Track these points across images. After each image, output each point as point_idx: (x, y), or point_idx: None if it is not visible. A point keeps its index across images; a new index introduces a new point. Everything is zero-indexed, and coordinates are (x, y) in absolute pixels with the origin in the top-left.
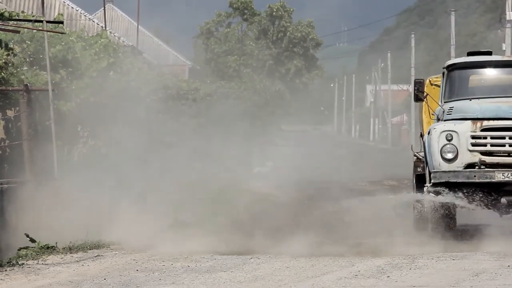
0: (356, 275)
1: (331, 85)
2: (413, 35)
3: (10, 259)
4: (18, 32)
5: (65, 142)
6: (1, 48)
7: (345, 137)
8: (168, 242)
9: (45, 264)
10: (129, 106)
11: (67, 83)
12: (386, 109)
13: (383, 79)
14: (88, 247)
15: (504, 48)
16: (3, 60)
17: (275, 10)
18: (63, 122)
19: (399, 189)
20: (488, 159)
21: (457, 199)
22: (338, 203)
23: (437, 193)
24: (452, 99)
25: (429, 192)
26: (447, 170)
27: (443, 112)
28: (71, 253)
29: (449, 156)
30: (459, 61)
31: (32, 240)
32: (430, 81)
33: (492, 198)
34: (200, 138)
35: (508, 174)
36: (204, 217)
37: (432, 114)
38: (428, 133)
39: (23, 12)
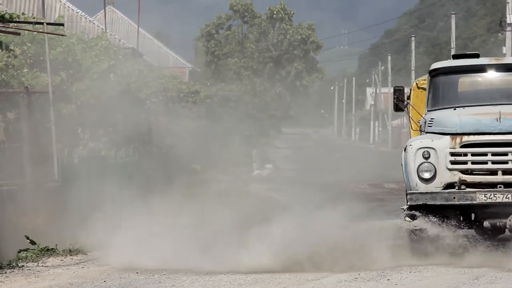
0: (356, 278)
1: (331, 88)
2: (413, 38)
3: (10, 261)
4: (19, 34)
5: (65, 144)
6: (2, 50)
7: (345, 140)
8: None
9: (45, 266)
10: (129, 108)
11: (67, 85)
12: (386, 112)
13: (383, 82)
14: (88, 249)
15: (504, 52)
16: (4, 62)
17: (275, 12)
18: (63, 124)
19: (398, 192)
20: (469, 178)
21: (433, 225)
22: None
23: (413, 217)
24: (436, 108)
25: (404, 216)
26: (424, 191)
27: (425, 123)
28: (71, 255)
29: (427, 175)
30: (443, 65)
31: (32, 242)
32: (417, 84)
33: (475, 221)
34: (200, 140)
35: (491, 195)
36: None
37: (418, 123)
38: (405, 150)
39: (23, 14)
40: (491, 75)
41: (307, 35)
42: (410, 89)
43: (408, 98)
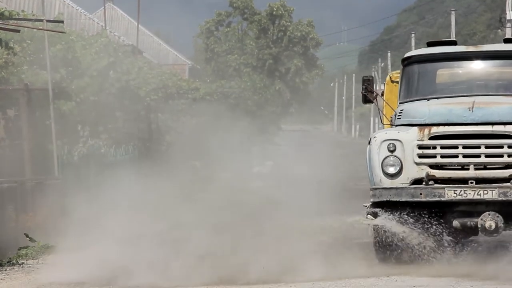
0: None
1: (331, 85)
2: (413, 35)
3: (10, 258)
4: (18, 31)
5: (65, 141)
6: (1, 47)
7: (345, 136)
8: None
9: (45, 263)
10: (129, 105)
11: (67, 83)
12: None
13: (383, 79)
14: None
15: None
16: (3, 59)
17: (275, 9)
18: (63, 122)
19: None
20: (437, 173)
21: (397, 224)
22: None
23: (375, 215)
24: (408, 100)
25: (367, 213)
26: (389, 187)
27: (395, 115)
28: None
29: (392, 170)
30: (416, 54)
31: (32, 240)
32: (390, 77)
33: (445, 221)
34: (199, 137)
35: (461, 191)
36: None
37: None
38: (369, 142)
39: (23, 11)
40: (469, 64)
41: (307, 32)
42: (385, 84)
43: (382, 94)
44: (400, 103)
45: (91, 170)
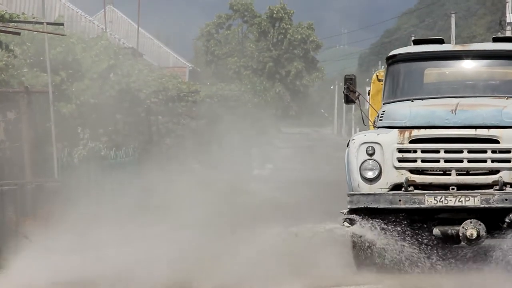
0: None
1: (331, 87)
2: (413, 37)
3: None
4: (19, 33)
5: (65, 144)
6: (2, 50)
7: (345, 139)
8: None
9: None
10: (129, 108)
11: (67, 85)
12: None
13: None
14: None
15: None
16: (4, 62)
17: (275, 12)
18: (63, 124)
19: None
20: (418, 178)
21: (375, 231)
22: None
23: (352, 222)
24: (392, 100)
25: (344, 220)
26: (367, 192)
27: (378, 117)
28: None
29: (370, 174)
30: (401, 52)
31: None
32: (377, 76)
33: (425, 229)
34: (200, 140)
35: (441, 198)
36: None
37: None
38: (347, 145)
39: (23, 13)
40: (456, 64)
41: (307, 35)
42: (371, 83)
43: (369, 93)
44: (383, 104)
45: (91, 173)
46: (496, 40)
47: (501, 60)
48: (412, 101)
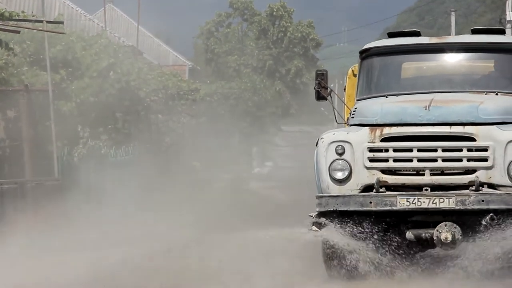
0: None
1: (331, 85)
2: None
3: None
4: (18, 32)
5: (65, 142)
6: (1, 48)
7: None
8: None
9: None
10: (129, 106)
11: (67, 83)
12: None
13: None
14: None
15: None
16: (3, 60)
17: (275, 10)
18: (63, 123)
19: None
20: (390, 178)
21: (344, 236)
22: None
23: (320, 226)
24: (366, 96)
25: (312, 224)
26: (336, 194)
27: (350, 114)
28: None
29: (340, 175)
30: (375, 45)
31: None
32: (353, 71)
33: (397, 232)
34: (200, 138)
35: (414, 199)
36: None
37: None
38: (316, 144)
39: (23, 12)
40: (433, 57)
41: (307, 33)
42: (347, 78)
43: (345, 89)
44: (357, 100)
45: (91, 171)
46: (475, 32)
47: (481, 53)
48: (386, 97)
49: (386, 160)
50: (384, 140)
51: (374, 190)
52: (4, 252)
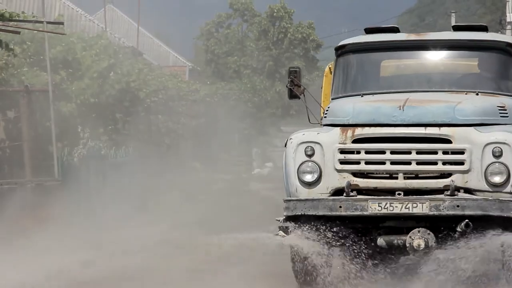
0: None
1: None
2: None
3: None
4: (19, 33)
5: (65, 143)
6: (2, 49)
7: None
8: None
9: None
10: (129, 107)
11: (67, 84)
12: None
13: None
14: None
15: None
16: (4, 61)
17: (275, 11)
18: (63, 123)
19: None
20: (361, 182)
21: (312, 242)
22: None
23: (287, 231)
24: (341, 95)
25: (279, 229)
26: (304, 198)
27: (323, 113)
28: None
29: (309, 178)
30: (351, 42)
31: None
32: (330, 68)
33: (369, 238)
34: (200, 139)
35: (386, 204)
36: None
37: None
38: (285, 145)
39: (23, 12)
40: (411, 55)
41: (308, 34)
42: (324, 76)
43: (322, 87)
44: (332, 99)
45: (91, 172)
46: (456, 29)
47: (461, 50)
48: (362, 96)
49: (358, 163)
50: (355, 141)
51: (345, 194)
52: (4, 252)
